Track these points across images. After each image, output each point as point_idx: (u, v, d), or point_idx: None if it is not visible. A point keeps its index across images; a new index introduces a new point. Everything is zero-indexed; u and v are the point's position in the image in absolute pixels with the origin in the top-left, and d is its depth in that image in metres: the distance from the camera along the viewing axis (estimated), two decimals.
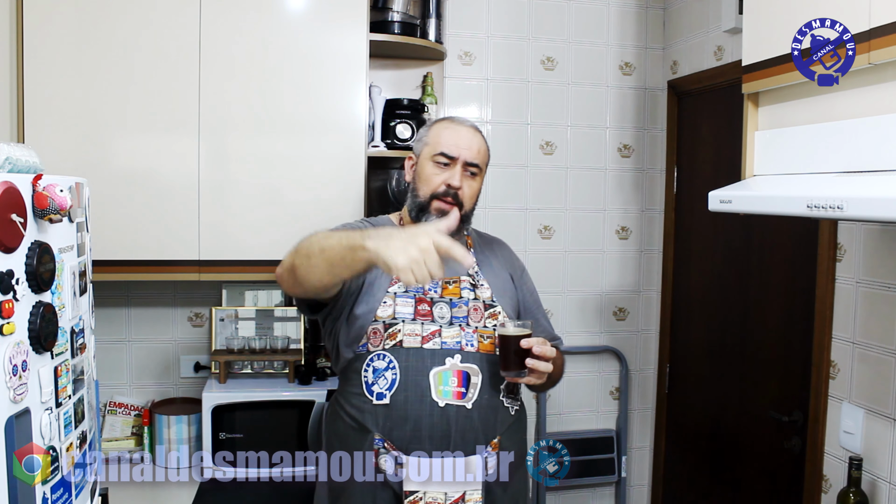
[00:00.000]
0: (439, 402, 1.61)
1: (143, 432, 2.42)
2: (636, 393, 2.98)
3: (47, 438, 1.22)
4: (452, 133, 1.75)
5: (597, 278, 2.90)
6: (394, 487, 1.60)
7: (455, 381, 1.63)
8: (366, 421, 1.62)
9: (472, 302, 1.72)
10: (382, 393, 1.62)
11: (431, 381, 1.62)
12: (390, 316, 1.65)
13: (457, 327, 1.67)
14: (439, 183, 1.72)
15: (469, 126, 1.80)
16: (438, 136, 1.75)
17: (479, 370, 1.65)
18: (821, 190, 1.37)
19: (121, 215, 2.16)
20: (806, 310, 2.11)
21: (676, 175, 2.87)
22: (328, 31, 2.27)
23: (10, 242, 1.13)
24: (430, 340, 1.64)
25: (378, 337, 1.64)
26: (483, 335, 1.69)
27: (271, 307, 2.55)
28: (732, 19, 2.39)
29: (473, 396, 1.64)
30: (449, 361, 1.64)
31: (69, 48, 2.12)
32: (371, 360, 1.64)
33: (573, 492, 2.92)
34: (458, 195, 1.72)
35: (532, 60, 2.79)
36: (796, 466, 2.15)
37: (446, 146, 1.73)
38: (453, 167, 1.72)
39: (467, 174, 1.74)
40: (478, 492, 1.61)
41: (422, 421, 1.60)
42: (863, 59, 1.36)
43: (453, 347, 1.65)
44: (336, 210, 2.28)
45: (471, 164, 1.74)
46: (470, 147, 1.74)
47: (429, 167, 1.74)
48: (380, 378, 1.63)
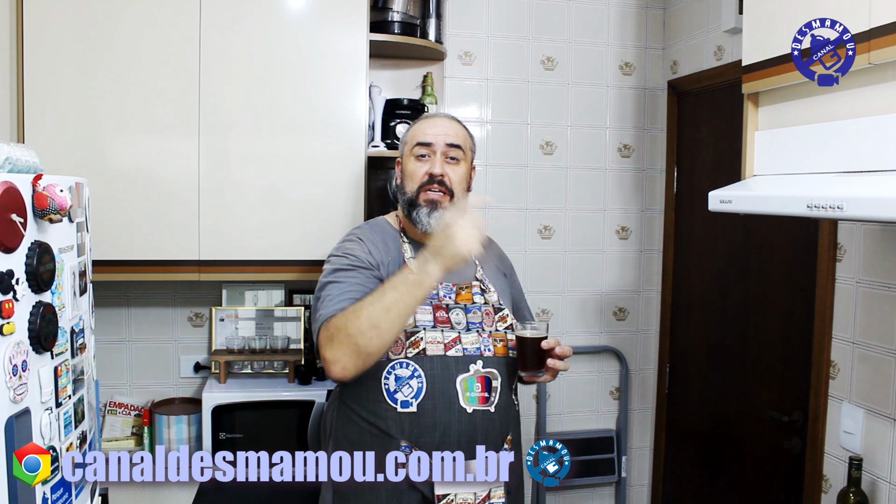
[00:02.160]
0: (467, 409, 1.63)
1: (143, 432, 2.42)
2: (636, 393, 2.98)
3: (47, 438, 1.22)
4: (427, 124, 1.76)
5: (597, 278, 2.90)
6: (422, 490, 1.61)
7: (479, 387, 1.65)
8: (390, 429, 1.62)
9: (483, 307, 1.73)
10: (408, 401, 1.62)
11: (458, 388, 1.63)
12: (411, 324, 1.64)
13: (474, 333, 1.68)
14: (422, 174, 1.71)
15: (444, 115, 1.81)
16: (415, 131, 1.77)
17: (498, 374, 1.68)
18: (821, 190, 1.37)
19: (121, 215, 2.16)
20: (806, 310, 2.11)
21: (676, 175, 2.87)
22: (328, 31, 2.27)
23: (10, 242, 1.13)
24: (452, 347, 1.65)
25: (399, 345, 1.63)
26: (496, 339, 1.71)
27: (271, 307, 2.55)
28: (732, 19, 2.39)
29: (495, 400, 1.66)
30: (472, 368, 1.65)
31: (69, 48, 2.12)
32: (392, 368, 1.63)
33: (573, 492, 2.92)
34: (445, 182, 1.70)
35: (532, 60, 2.79)
36: (796, 466, 2.15)
37: (422, 136, 1.73)
38: (433, 156, 1.72)
39: (449, 160, 1.72)
40: (501, 488, 1.64)
41: (451, 427, 1.61)
42: (863, 59, 1.36)
43: (474, 354, 1.66)
44: (336, 210, 2.28)
45: (450, 145, 1.72)
46: (446, 133, 1.73)
47: (410, 163, 1.74)
48: (403, 386, 1.62)
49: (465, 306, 1.71)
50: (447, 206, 1.68)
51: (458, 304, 1.71)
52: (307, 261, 2.28)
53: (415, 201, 1.71)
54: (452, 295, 1.72)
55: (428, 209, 1.69)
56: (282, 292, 2.58)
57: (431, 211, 1.69)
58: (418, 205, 1.70)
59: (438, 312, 1.68)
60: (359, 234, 1.78)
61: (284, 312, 2.54)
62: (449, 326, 1.67)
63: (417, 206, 1.70)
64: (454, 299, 1.71)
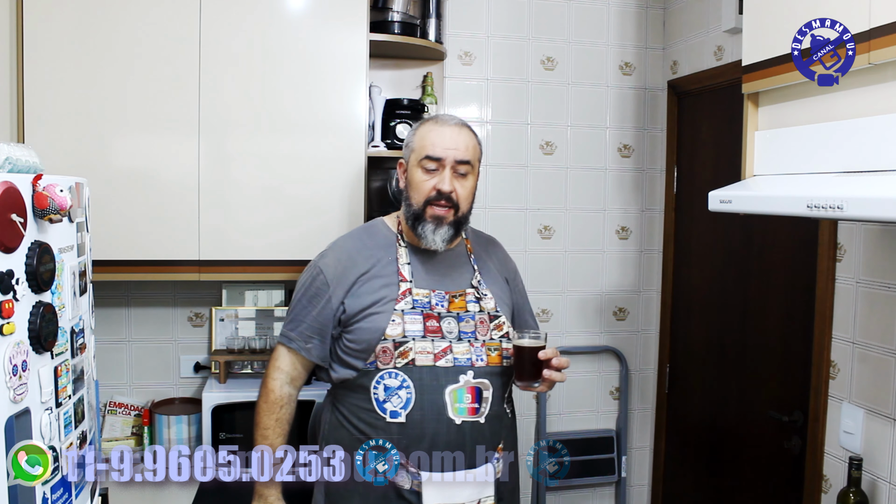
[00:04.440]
0: (456, 420, 1.63)
1: (143, 432, 2.42)
2: (636, 393, 2.98)
3: (47, 438, 1.22)
4: (437, 135, 1.69)
5: (597, 278, 2.90)
6: (411, 500, 1.62)
7: (469, 398, 1.64)
8: (378, 437, 1.62)
9: (478, 315, 1.71)
10: (397, 412, 1.62)
11: (447, 398, 1.63)
12: (400, 334, 1.64)
13: (466, 343, 1.67)
14: (430, 189, 1.68)
15: (454, 124, 1.73)
16: (423, 140, 1.70)
17: (489, 384, 1.67)
18: (821, 190, 1.37)
19: (121, 215, 2.16)
20: (806, 310, 2.11)
21: (676, 175, 2.87)
22: (328, 31, 2.27)
23: (10, 242, 1.13)
24: (442, 358, 1.64)
25: (388, 355, 1.63)
26: (490, 348, 1.69)
27: (271, 307, 2.55)
28: (732, 19, 2.39)
29: (486, 410, 1.66)
30: (462, 378, 1.64)
31: (69, 48, 2.11)
32: (382, 378, 1.64)
33: (573, 492, 2.92)
34: (452, 197, 1.68)
35: (532, 60, 2.79)
36: (796, 466, 2.15)
37: (431, 149, 1.68)
38: (442, 170, 1.68)
39: (458, 174, 1.69)
40: (491, 498, 1.64)
41: (438, 438, 1.61)
42: (863, 59, 1.36)
43: (465, 364, 1.65)
44: (336, 210, 2.28)
45: (460, 161, 1.68)
46: (457, 146, 1.68)
47: (418, 173, 1.70)
48: (392, 396, 1.63)
49: (457, 315, 1.69)
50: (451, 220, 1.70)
51: (451, 313, 1.69)
52: (307, 261, 2.27)
53: (421, 215, 1.69)
54: (445, 303, 1.70)
55: (434, 225, 1.68)
56: (282, 292, 2.58)
57: (437, 228, 1.68)
58: (424, 220, 1.68)
59: (429, 322, 1.66)
60: (351, 242, 1.78)
61: (284, 312, 2.54)
62: (440, 336, 1.66)
63: (423, 221, 1.69)
64: (447, 308, 1.69)
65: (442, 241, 1.69)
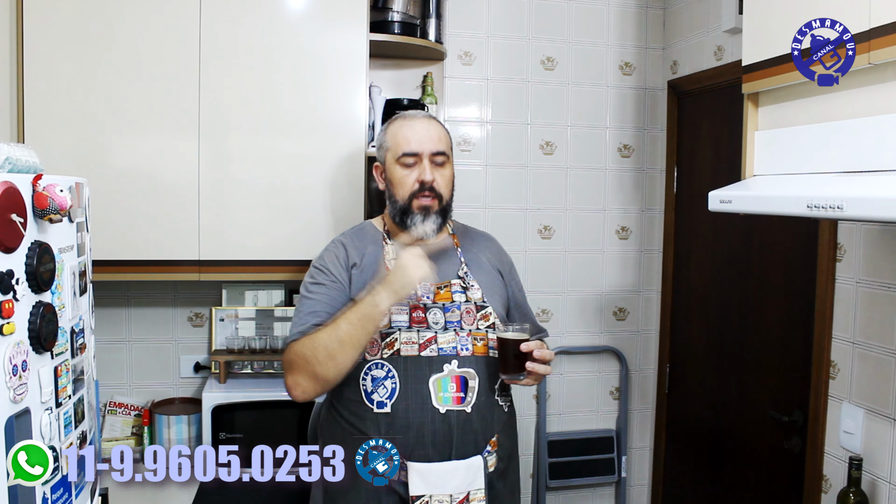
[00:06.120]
0: (440, 409, 1.63)
1: (143, 432, 2.42)
2: (636, 393, 2.98)
3: (47, 438, 1.22)
4: (409, 130, 1.75)
5: (597, 278, 2.90)
6: (399, 491, 1.62)
7: (454, 387, 1.65)
8: (367, 429, 1.64)
9: (464, 305, 1.73)
10: (383, 402, 1.64)
11: (431, 388, 1.64)
12: (386, 325, 1.66)
13: (451, 332, 1.69)
14: (413, 182, 1.73)
15: (422, 118, 1.80)
16: (396, 138, 1.76)
17: (475, 374, 1.67)
18: (821, 190, 1.37)
19: (121, 215, 2.16)
20: (806, 310, 2.11)
21: (676, 175, 2.87)
22: (328, 31, 2.27)
23: (10, 242, 1.13)
24: (426, 348, 1.66)
25: (375, 346, 1.65)
26: (477, 338, 1.70)
27: (271, 307, 2.55)
28: (732, 19, 2.39)
29: (472, 400, 1.66)
30: (447, 368, 1.66)
31: (69, 48, 2.12)
32: (369, 369, 1.65)
33: (573, 492, 2.92)
34: (434, 187, 1.73)
35: (532, 60, 2.79)
36: (796, 466, 2.15)
37: (407, 145, 1.73)
38: (420, 163, 1.73)
39: (436, 164, 1.74)
40: (481, 491, 1.64)
41: (424, 428, 1.62)
42: (863, 59, 1.36)
43: (450, 353, 1.67)
44: (336, 210, 2.28)
45: (436, 153, 1.74)
46: (430, 138, 1.74)
47: (398, 170, 1.75)
48: (379, 387, 1.64)
49: (443, 305, 1.71)
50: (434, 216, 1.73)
51: (437, 304, 1.71)
52: (307, 261, 2.26)
53: (408, 209, 1.73)
54: (431, 294, 1.72)
55: (422, 216, 1.72)
56: (282, 292, 2.58)
57: (425, 218, 1.72)
58: (412, 212, 1.73)
59: (416, 313, 1.69)
60: (342, 238, 1.82)
61: (284, 312, 2.54)
62: (425, 326, 1.68)
63: (411, 213, 1.73)
64: (432, 299, 1.71)
65: (432, 229, 1.73)
